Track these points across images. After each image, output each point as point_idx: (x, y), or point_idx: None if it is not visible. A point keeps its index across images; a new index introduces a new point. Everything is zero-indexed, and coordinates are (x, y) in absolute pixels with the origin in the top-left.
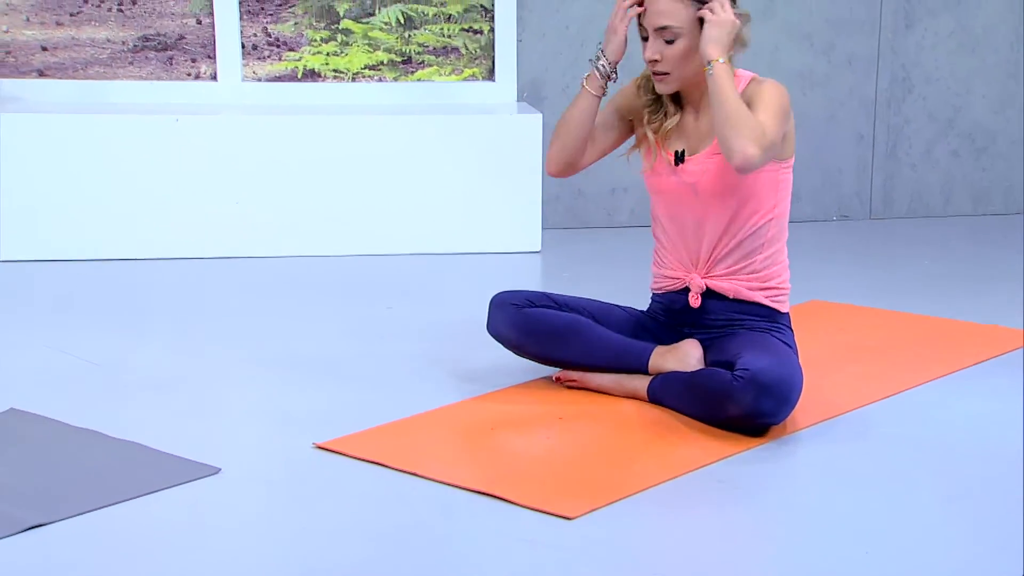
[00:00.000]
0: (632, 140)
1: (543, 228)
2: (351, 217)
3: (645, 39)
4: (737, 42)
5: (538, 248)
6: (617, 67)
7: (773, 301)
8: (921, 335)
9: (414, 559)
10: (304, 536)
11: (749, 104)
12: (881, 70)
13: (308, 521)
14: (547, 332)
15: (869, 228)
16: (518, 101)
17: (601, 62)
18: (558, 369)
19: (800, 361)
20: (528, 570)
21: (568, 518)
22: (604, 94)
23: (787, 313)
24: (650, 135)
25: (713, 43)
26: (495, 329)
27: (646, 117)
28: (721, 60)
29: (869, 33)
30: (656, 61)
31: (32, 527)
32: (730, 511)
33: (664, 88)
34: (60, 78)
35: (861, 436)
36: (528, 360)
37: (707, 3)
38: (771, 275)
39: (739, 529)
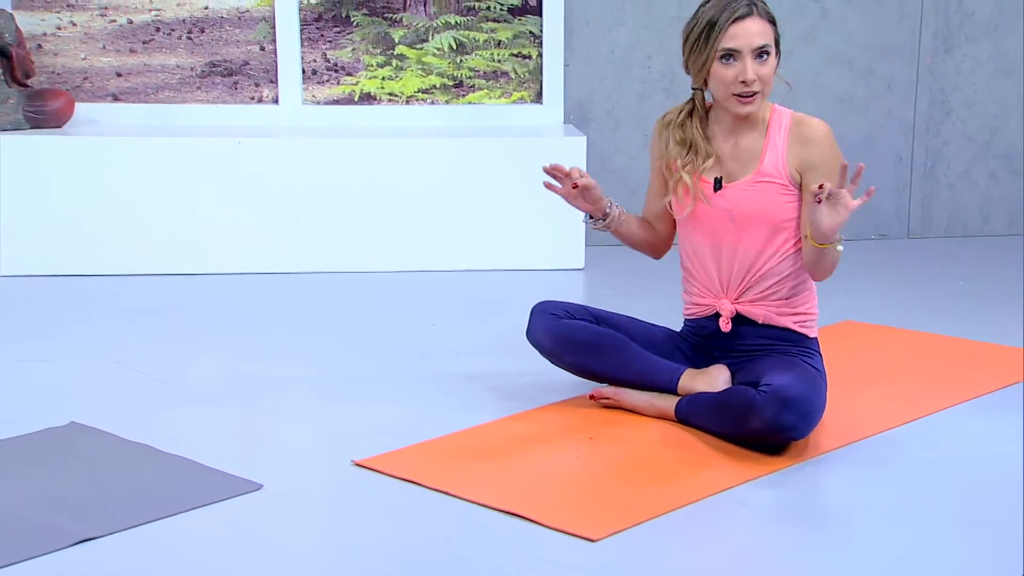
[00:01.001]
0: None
1: (587, 245)
2: (402, 234)
3: (728, 61)
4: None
5: (582, 265)
6: (605, 209)
7: (802, 327)
8: (951, 357)
9: None
10: (336, 553)
11: (809, 167)
12: (920, 94)
13: (341, 538)
14: (582, 344)
15: (907, 247)
16: (564, 123)
17: (594, 220)
18: (593, 385)
19: (828, 382)
20: None
21: (591, 540)
22: (617, 219)
23: (815, 338)
24: (686, 178)
25: (839, 227)
26: (533, 336)
27: (680, 162)
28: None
29: (908, 58)
30: (751, 82)
31: (82, 540)
32: (750, 535)
33: (752, 108)
34: (133, 102)
35: (885, 460)
36: (563, 371)
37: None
38: (800, 301)
39: (758, 553)
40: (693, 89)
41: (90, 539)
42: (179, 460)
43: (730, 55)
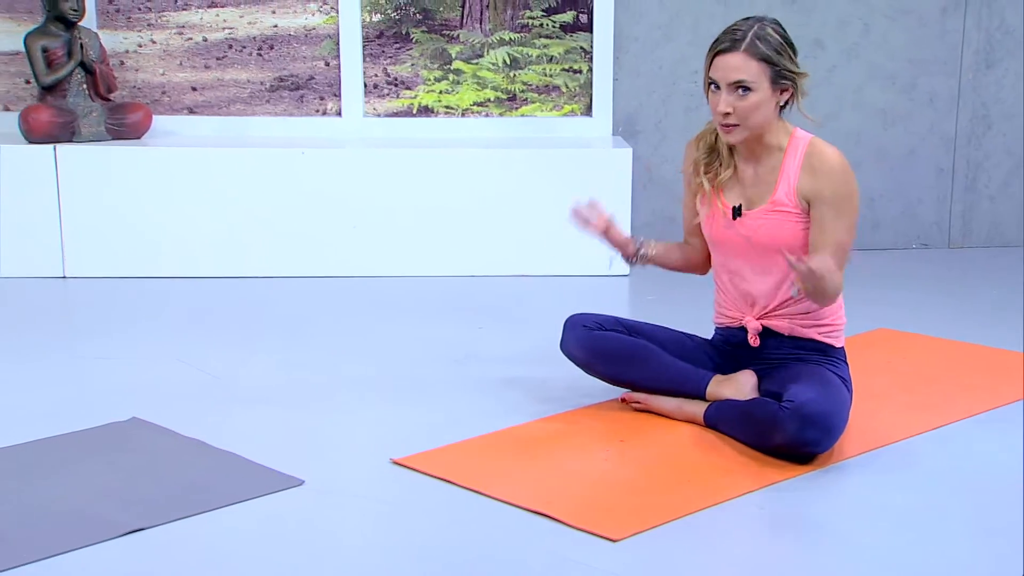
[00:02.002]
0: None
1: None
2: (456, 240)
3: (713, 91)
4: (799, 94)
5: (627, 272)
6: (635, 248)
7: (827, 337)
8: (983, 366)
9: (463, 575)
10: (367, 548)
11: (816, 197)
12: (962, 107)
13: (374, 533)
14: (613, 355)
15: (947, 256)
16: (613, 135)
17: (629, 259)
18: (625, 390)
19: (854, 389)
20: None
21: (612, 540)
22: (648, 255)
23: (842, 348)
24: (705, 184)
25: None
26: (566, 348)
27: (702, 168)
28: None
29: (950, 73)
30: (728, 114)
31: (131, 531)
32: (767, 539)
33: (732, 139)
34: (207, 115)
35: (904, 467)
36: (596, 379)
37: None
38: (824, 313)
39: (773, 557)
40: None
41: (138, 530)
42: (228, 455)
43: (715, 85)
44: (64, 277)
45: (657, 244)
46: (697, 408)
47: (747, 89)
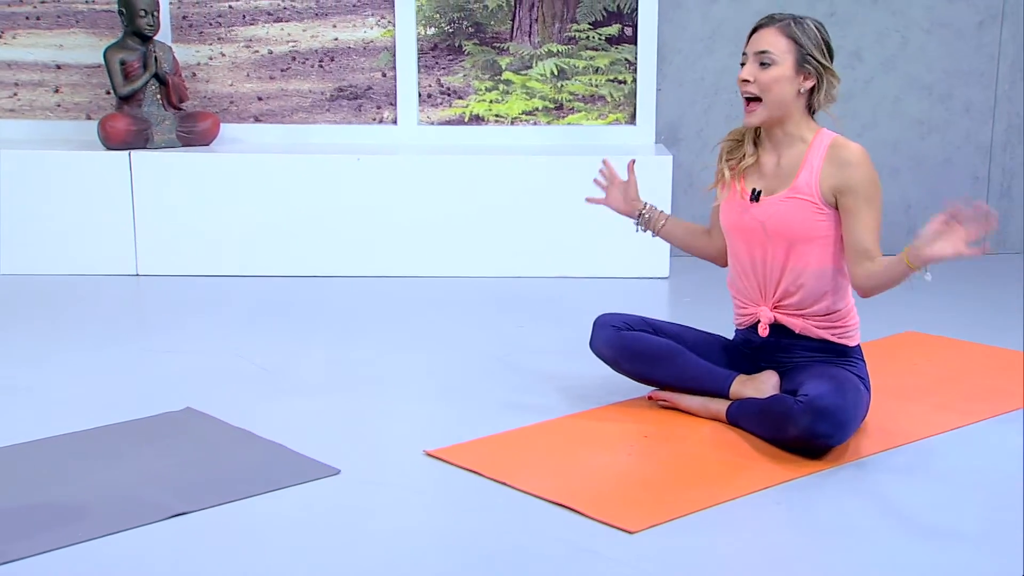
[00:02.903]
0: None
1: (673, 256)
2: (503, 242)
3: (742, 65)
4: (827, 99)
5: (666, 274)
6: (643, 212)
7: (840, 337)
8: (1006, 368)
9: (483, 563)
10: (393, 534)
11: (845, 188)
12: (997, 117)
13: (401, 521)
14: (640, 354)
15: (982, 262)
16: (656, 143)
17: (638, 226)
18: (652, 388)
19: (876, 389)
20: None
21: (630, 532)
22: (651, 220)
23: (857, 346)
24: (726, 172)
25: (940, 259)
26: (595, 346)
27: (724, 155)
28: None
29: (986, 84)
30: (748, 82)
31: (176, 515)
32: (781, 534)
33: (753, 119)
34: (271, 123)
35: (921, 466)
36: (624, 377)
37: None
38: (838, 316)
39: (786, 551)
40: None
41: (182, 513)
42: (272, 445)
43: (744, 59)
44: (137, 275)
45: (669, 218)
46: (720, 406)
47: (770, 61)
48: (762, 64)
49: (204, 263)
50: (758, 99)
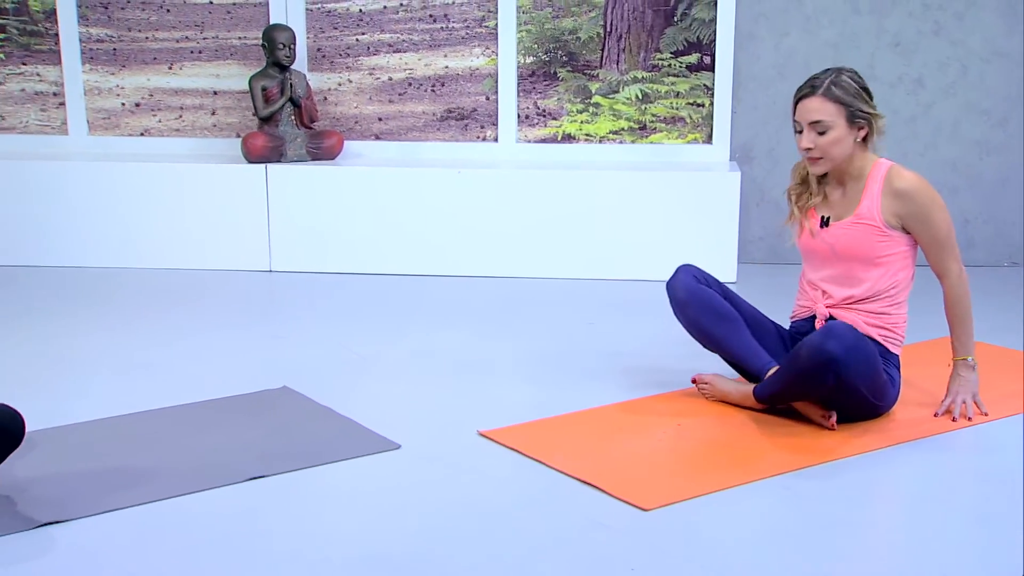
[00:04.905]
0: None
1: (742, 263)
2: (589, 248)
3: (799, 132)
4: (876, 132)
5: (734, 279)
6: None
7: (885, 340)
8: None
9: (506, 532)
10: (430, 503)
11: (906, 216)
12: None
13: (444, 493)
14: (706, 306)
15: None
16: (730, 161)
17: None
18: (695, 372)
19: (904, 387)
20: (595, 548)
21: (644, 509)
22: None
23: (897, 355)
24: (796, 211)
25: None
26: (671, 286)
27: (795, 198)
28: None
29: None
30: (810, 149)
31: (252, 478)
32: (785, 517)
33: (817, 170)
34: (389, 140)
35: (928, 460)
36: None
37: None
38: (888, 319)
39: (787, 534)
40: None
41: (258, 477)
42: (346, 421)
43: (798, 127)
44: (270, 271)
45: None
46: (750, 388)
47: (825, 129)
48: (819, 133)
49: (328, 261)
50: (820, 157)
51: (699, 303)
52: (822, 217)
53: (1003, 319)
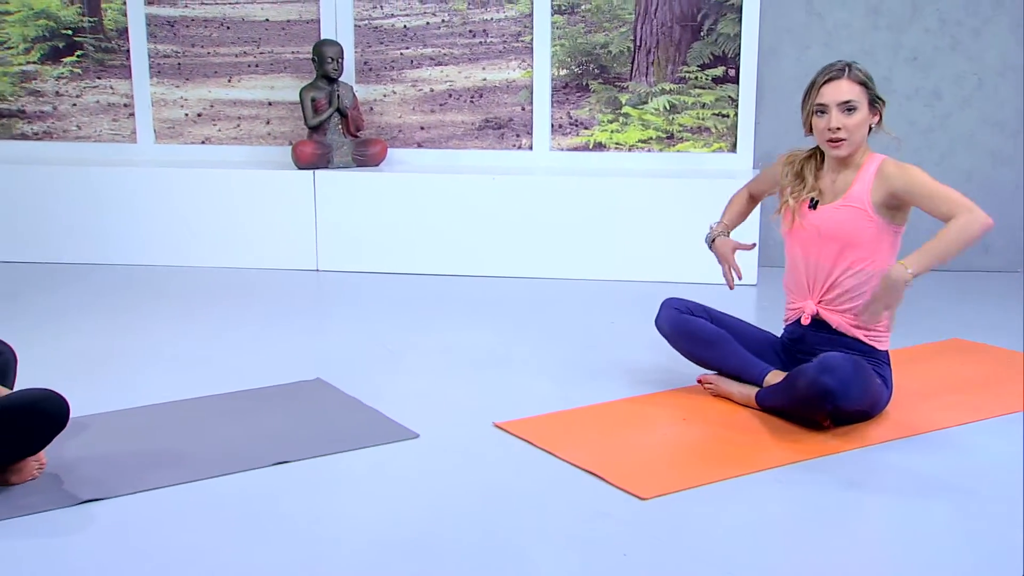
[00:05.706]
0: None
1: (763, 266)
2: (618, 250)
3: (821, 114)
4: (879, 126)
5: (755, 282)
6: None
7: (870, 339)
8: None
9: (511, 518)
10: (443, 489)
11: (905, 193)
12: None
13: (456, 479)
14: (694, 336)
15: None
16: (753, 168)
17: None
18: (702, 370)
19: (909, 387)
20: (592, 535)
21: (641, 498)
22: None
23: (886, 351)
24: (791, 202)
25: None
26: (659, 324)
27: (789, 190)
28: (909, 271)
29: None
30: (838, 129)
31: (278, 463)
32: (773, 508)
33: (840, 152)
34: (430, 148)
35: (922, 455)
36: (689, 366)
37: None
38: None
39: (777, 523)
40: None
41: (283, 462)
42: (370, 410)
43: (820, 110)
44: (317, 270)
45: (728, 225)
46: (753, 392)
47: (853, 108)
48: (847, 111)
49: (372, 261)
50: (844, 138)
51: (685, 334)
52: (811, 199)
53: (1004, 322)
